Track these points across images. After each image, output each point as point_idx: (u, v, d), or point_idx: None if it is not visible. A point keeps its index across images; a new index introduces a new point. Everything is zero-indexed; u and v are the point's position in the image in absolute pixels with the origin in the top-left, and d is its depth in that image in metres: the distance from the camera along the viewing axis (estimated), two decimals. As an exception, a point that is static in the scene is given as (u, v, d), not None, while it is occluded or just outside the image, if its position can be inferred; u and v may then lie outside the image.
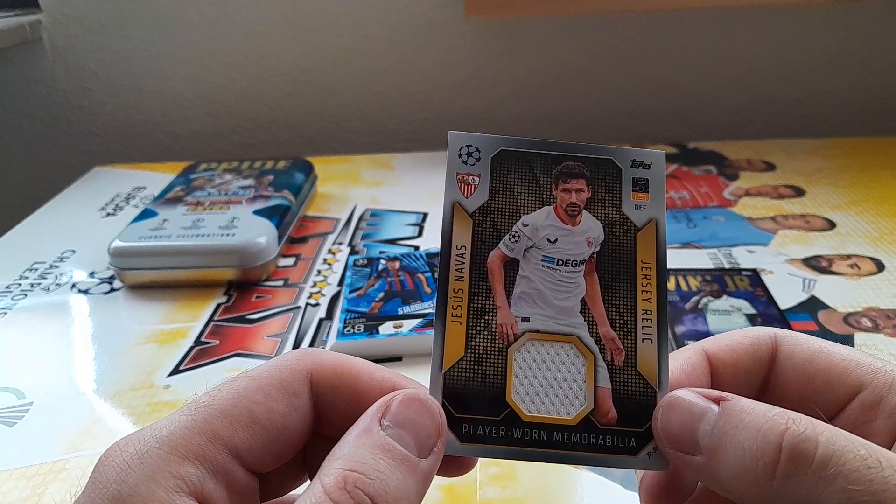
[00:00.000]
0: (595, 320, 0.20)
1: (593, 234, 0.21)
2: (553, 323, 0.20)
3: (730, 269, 0.49)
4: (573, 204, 0.21)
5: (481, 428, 0.19)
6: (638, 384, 0.20)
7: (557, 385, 0.20)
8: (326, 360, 0.20)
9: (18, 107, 0.83)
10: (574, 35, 0.79)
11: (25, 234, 0.61)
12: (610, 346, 0.20)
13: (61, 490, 0.33)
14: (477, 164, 0.21)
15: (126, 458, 0.17)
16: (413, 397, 0.19)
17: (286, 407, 0.19)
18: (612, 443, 0.19)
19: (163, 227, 0.52)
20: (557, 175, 0.21)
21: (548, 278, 0.20)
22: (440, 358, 0.20)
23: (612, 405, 0.20)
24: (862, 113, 0.82)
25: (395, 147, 0.85)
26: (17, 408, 0.39)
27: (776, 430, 0.16)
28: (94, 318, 0.48)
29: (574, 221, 0.21)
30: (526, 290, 0.20)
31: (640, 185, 0.22)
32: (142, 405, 0.39)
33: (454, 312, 0.20)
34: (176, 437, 0.17)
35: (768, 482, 0.16)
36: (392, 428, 0.18)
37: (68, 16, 0.79)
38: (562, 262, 0.21)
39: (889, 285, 0.47)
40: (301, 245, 0.57)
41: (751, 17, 0.77)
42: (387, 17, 0.78)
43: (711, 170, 0.68)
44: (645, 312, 0.20)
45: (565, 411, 0.19)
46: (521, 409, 0.19)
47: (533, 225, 0.21)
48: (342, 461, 0.17)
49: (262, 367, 0.19)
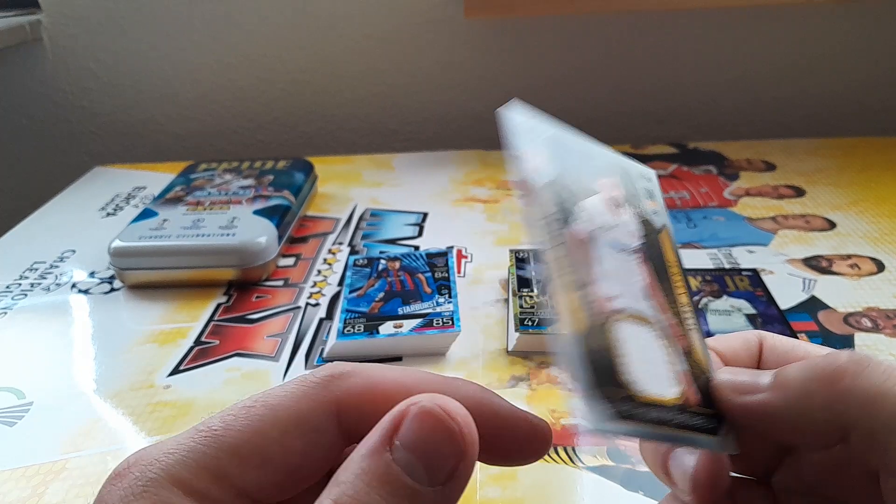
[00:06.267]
0: (659, 306, 0.20)
1: (633, 227, 0.21)
2: (633, 304, 0.19)
3: (730, 269, 0.49)
4: (615, 197, 0.21)
5: (622, 404, 0.17)
6: (697, 370, 0.20)
7: (650, 365, 0.19)
8: (354, 388, 0.18)
9: (18, 107, 0.83)
10: (574, 35, 0.79)
11: (25, 233, 0.61)
12: (675, 332, 0.20)
13: (61, 490, 0.33)
14: (536, 142, 0.20)
15: (130, 484, 0.16)
16: (428, 412, 0.16)
17: (304, 445, 0.17)
18: (702, 423, 0.19)
19: (163, 227, 0.52)
20: (597, 169, 0.21)
21: (618, 260, 0.20)
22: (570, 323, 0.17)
23: (694, 387, 0.20)
24: (862, 113, 0.82)
25: (396, 147, 0.85)
26: (18, 408, 0.39)
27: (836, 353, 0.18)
28: (94, 317, 0.48)
29: (618, 213, 0.21)
30: (605, 270, 0.19)
31: (650, 195, 0.22)
32: (142, 405, 0.39)
33: (565, 280, 0.18)
34: (181, 468, 0.16)
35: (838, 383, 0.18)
36: (401, 450, 0.16)
37: (68, 16, 0.79)
38: (624, 249, 0.20)
39: (889, 285, 0.47)
40: (301, 245, 0.57)
41: (750, 17, 0.77)
42: (387, 17, 0.78)
43: (711, 170, 0.68)
44: (683, 306, 0.21)
45: (667, 391, 0.19)
46: (635, 388, 0.18)
47: (592, 209, 0.20)
48: (336, 491, 0.16)
49: (283, 393, 0.18)
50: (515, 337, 0.42)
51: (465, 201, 0.64)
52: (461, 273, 0.51)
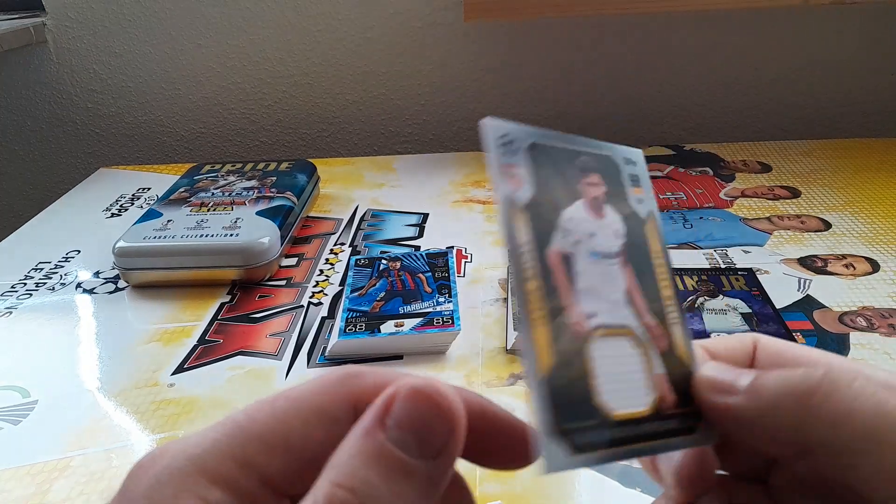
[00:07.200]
0: (638, 311, 0.20)
1: (617, 226, 0.21)
2: (613, 317, 0.20)
3: (726, 268, 0.50)
4: (597, 198, 0.21)
5: (585, 435, 0.18)
6: (678, 366, 0.21)
7: (628, 378, 0.19)
8: (369, 383, 0.19)
9: (24, 109, 0.84)
10: (571, 39, 0.79)
11: (31, 234, 0.62)
12: (654, 333, 0.20)
13: (66, 487, 0.34)
14: (516, 155, 0.20)
15: (157, 472, 0.17)
16: (418, 391, 0.17)
17: (324, 435, 0.18)
18: (677, 426, 0.20)
19: (167, 228, 0.53)
20: (579, 168, 0.21)
21: (598, 272, 0.20)
22: (534, 365, 0.18)
23: (670, 390, 0.20)
24: (857, 115, 0.82)
25: (397, 149, 0.85)
26: (23, 406, 0.40)
27: (813, 369, 0.19)
28: (99, 317, 0.49)
29: (601, 214, 0.21)
30: (585, 286, 0.19)
31: (635, 181, 0.22)
32: (146, 403, 0.40)
33: (536, 315, 0.18)
34: (207, 458, 0.17)
35: (808, 399, 0.18)
36: (394, 429, 0.17)
37: (73, 18, 0.79)
38: (605, 256, 0.20)
39: (884, 285, 0.48)
40: (303, 245, 0.57)
41: (746, 20, 0.78)
42: (388, 21, 0.78)
43: (708, 171, 0.69)
44: (667, 298, 0.21)
45: (640, 403, 0.19)
46: (608, 409, 0.18)
47: (575, 218, 0.20)
48: (333, 472, 0.16)
49: (303, 389, 0.18)
50: (514, 336, 0.42)
51: (464, 202, 0.64)
52: (461, 273, 0.52)
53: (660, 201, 0.62)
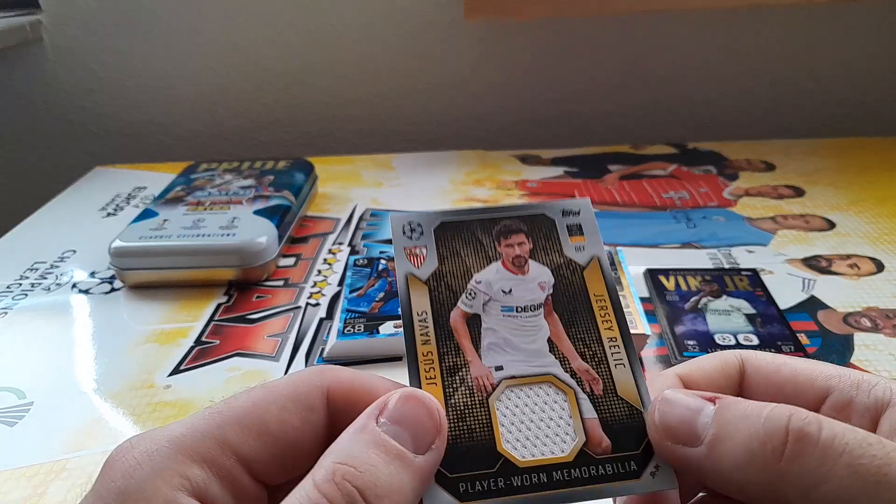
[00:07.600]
0: (566, 356, 0.21)
1: (543, 278, 0.22)
2: (526, 366, 0.21)
3: (729, 268, 0.49)
4: (518, 256, 0.23)
5: (479, 483, 0.19)
6: (623, 409, 0.20)
7: (545, 425, 0.20)
8: (344, 378, 0.20)
9: (19, 107, 0.83)
10: (573, 37, 0.79)
11: (26, 233, 0.61)
12: (586, 378, 0.21)
13: (62, 489, 0.33)
14: (421, 237, 0.23)
15: (136, 455, 0.17)
16: (410, 394, 0.19)
17: (300, 421, 0.19)
18: (613, 470, 0.19)
19: (163, 227, 0.52)
20: (498, 234, 0.23)
21: (511, 326, 0.21)
22: None
23: (604, 434, 0.20)
24: (861, 113, 0.82)
25: (396, 147, 0.85)
26: (18, 407, 0.39)
27: (782, 415, 0.17)
28: (95, 317, 0.48)
29: (522, 271, 0.22)
30: (493, 341, 0.21)
31: (575, 230, 0.23)
32: (142, 405, 0.39)
33: (427, 375, 0.20)
34: (187, 439, 0.18)
35: (776, 464, 0.17)
36: (388, 424, 0.18)
37: (69, 16, 0.79)
38: (521, 309, 0.22)
39: (889, 285, 0.47)
40: (301, 245, 0.57)
41: (750, 17, 0.77)
42: (387, 18, 0.78)
43: (711, 170, 0.69)
44: (611, 340, 0.21)
45: (559, 449, 0.19)
46: (514, 457, 0.19)
47: (486, 280, 0.22)
48: (334, 455, 0.17)
49: (280, 380, 0.20)
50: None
51: (464, 201, 0.64)
52: (461, 273, 0.51)
53: (662, 200, 0.61)
